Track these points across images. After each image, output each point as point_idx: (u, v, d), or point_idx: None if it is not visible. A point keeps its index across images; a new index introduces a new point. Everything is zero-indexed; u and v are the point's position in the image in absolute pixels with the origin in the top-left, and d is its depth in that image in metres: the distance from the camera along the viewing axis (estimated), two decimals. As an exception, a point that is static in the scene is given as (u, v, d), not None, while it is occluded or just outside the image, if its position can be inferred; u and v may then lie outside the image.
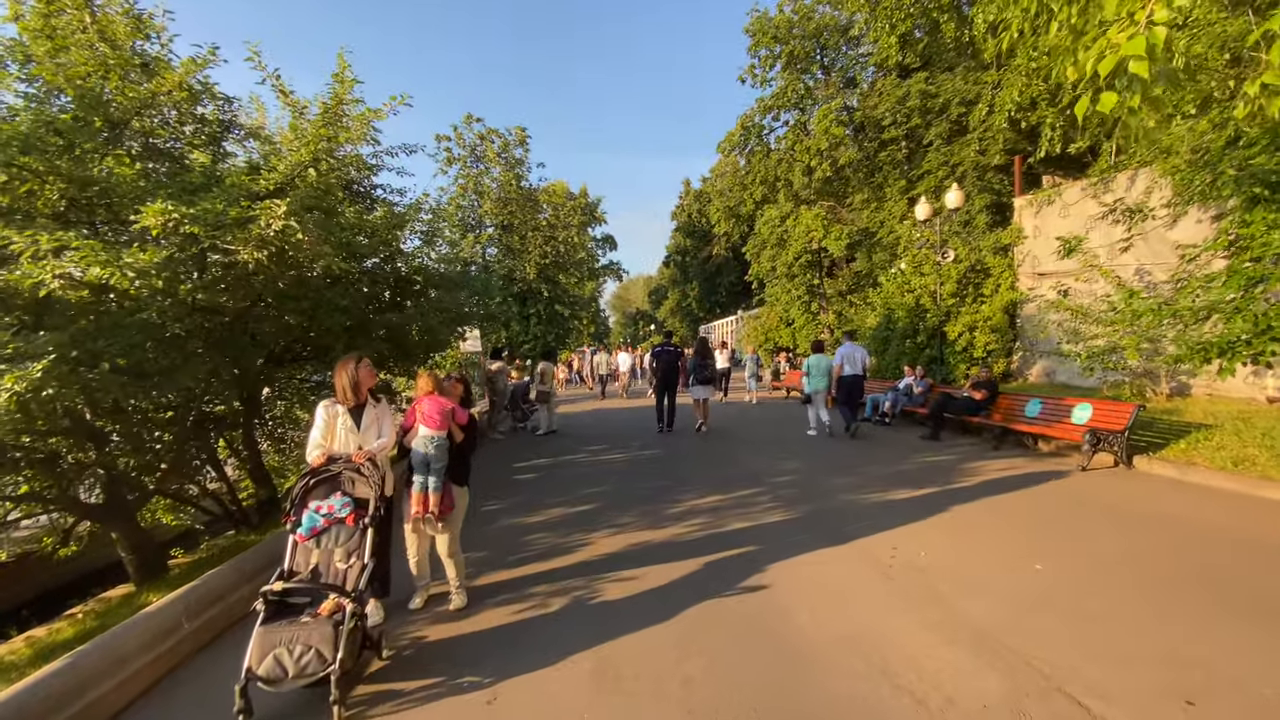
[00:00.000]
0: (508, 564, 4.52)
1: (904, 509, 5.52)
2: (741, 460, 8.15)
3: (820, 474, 7.12)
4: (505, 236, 28.85)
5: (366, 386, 3.67)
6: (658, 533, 5.07)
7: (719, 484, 6.73)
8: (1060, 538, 4.66)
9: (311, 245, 4.12)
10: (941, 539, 4.67)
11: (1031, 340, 13.52)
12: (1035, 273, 13.46)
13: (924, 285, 14.67)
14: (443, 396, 3.79)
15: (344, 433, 3.53)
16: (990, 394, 9.26)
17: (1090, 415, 7.64)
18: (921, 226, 15.32)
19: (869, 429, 10.73)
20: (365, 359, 3.71)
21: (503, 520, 5.71)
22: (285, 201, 3.92)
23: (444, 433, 3.69)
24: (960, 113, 17.63)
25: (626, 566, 4.35)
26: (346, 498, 3.22)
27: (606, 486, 6.87)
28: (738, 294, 44.50)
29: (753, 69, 21.17)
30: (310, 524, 3.12)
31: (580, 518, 5.65)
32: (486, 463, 8.94)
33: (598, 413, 15.21)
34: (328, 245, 4.53)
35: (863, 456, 8.13)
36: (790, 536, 4.84)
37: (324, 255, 4.37)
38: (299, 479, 3.23)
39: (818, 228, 20.16)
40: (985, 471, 7.07)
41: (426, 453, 3.66)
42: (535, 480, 7.51)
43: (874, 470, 7.23)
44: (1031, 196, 13.51)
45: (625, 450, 9.30)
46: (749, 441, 9.71)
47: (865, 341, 17.21)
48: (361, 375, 3.61)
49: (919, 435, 9.52)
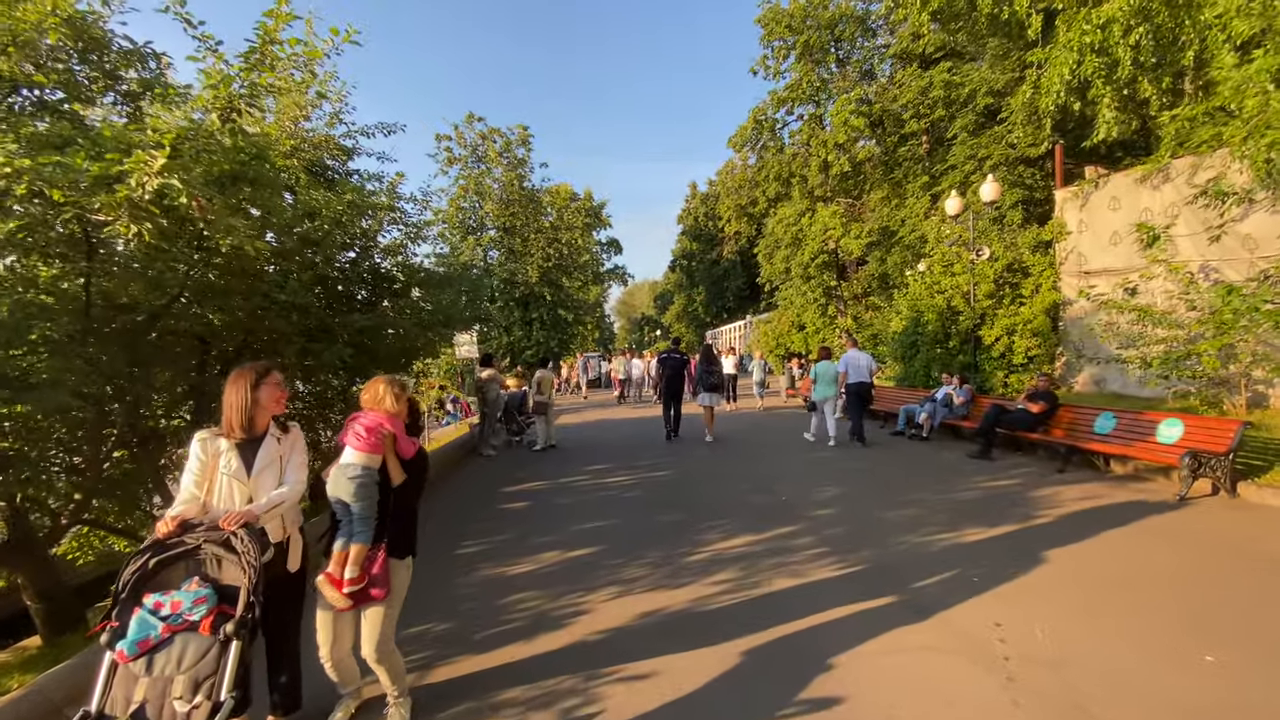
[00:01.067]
0: (477, 644, 3.37)
1: (985, 557, 4.35)
2: (767, 484, 6.98)
3: (865, 504, 5.95)
4: (507, 239, 27.80)
5: (270, 412, 2.54)
6: (676, 594, 3.90)
7: (746, 518, 5.56)
8: (1208, 603, 3.49)
9: (205, 212, 3.01)
10: (1055, 609, 3.50)
11: (1078, 345, 12.31)
12: (1081, 271, 12.25)
13: (955, 286, 13.49)
14: (392, 413, 2.66)
15: (227, 480, 2.40)
16: (1050, 406, 8.08)
17: (1182, 434, 6.45)
18: (952, 223, 14.14)
19: (901, 442, 9.59)
20: (274, 372, 2.57)
21: (480, 569, 4.56)
22: (164, 152, 2.81)
23: (372, 461, 2.54)
24: (988, 103, 16.54)
25: (637, 653, 3.19)
26: (205, 588, 2.09)
27: (611, 521, 5.71)
28: (745, 298, 43.43)
29: (765, 60, 20.12)
30: (141, 633, 1.99)
31: (577, 568, 4.49)
32: (470, 487, 7.80)
33: (601, 424, 14.07)
34: (238, 217, 3.42)
35: (908, 480, 6.96)
36: (851, 601, 3.68)
37: (234, 231, 3.25)
38: (132, 557, 2.11)
39: (836, 226, 18.99)
40: (1062, 501, 5.88)
41: (337, 494, 2.51)
42: (525, 511, 6.35)
43: (928, 499, 6.06)
44: (1076, 188, 12.32)
45: (632, 470, 8.14)
46: (770, 459, 8.55)
47: (890, 347, 16.06)
48: (262, 396, 2.48)
49: (966, 453, 8.33)
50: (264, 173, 3.99)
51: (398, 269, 7.82)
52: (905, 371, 14.61)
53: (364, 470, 2.51)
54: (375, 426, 2.55)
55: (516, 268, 27.42)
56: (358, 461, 2.52)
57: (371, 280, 7.60)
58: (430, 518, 6.39)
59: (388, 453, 2.58)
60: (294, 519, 2.60)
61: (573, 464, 8.86)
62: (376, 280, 7.63)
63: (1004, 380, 12.53)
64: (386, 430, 2.56)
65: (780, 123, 20.43)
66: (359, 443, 2.53)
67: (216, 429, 2.48)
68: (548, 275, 27.56)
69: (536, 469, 8.62)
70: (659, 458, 8.99)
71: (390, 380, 2.70)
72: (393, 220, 7.78)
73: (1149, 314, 8.53)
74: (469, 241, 27.40)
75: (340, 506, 2.54)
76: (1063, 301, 12.57)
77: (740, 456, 8.93)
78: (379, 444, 2.54)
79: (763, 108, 20.17)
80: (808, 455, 8.75)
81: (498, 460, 9.62)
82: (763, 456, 8.85)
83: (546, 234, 28.11)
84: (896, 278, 20.09)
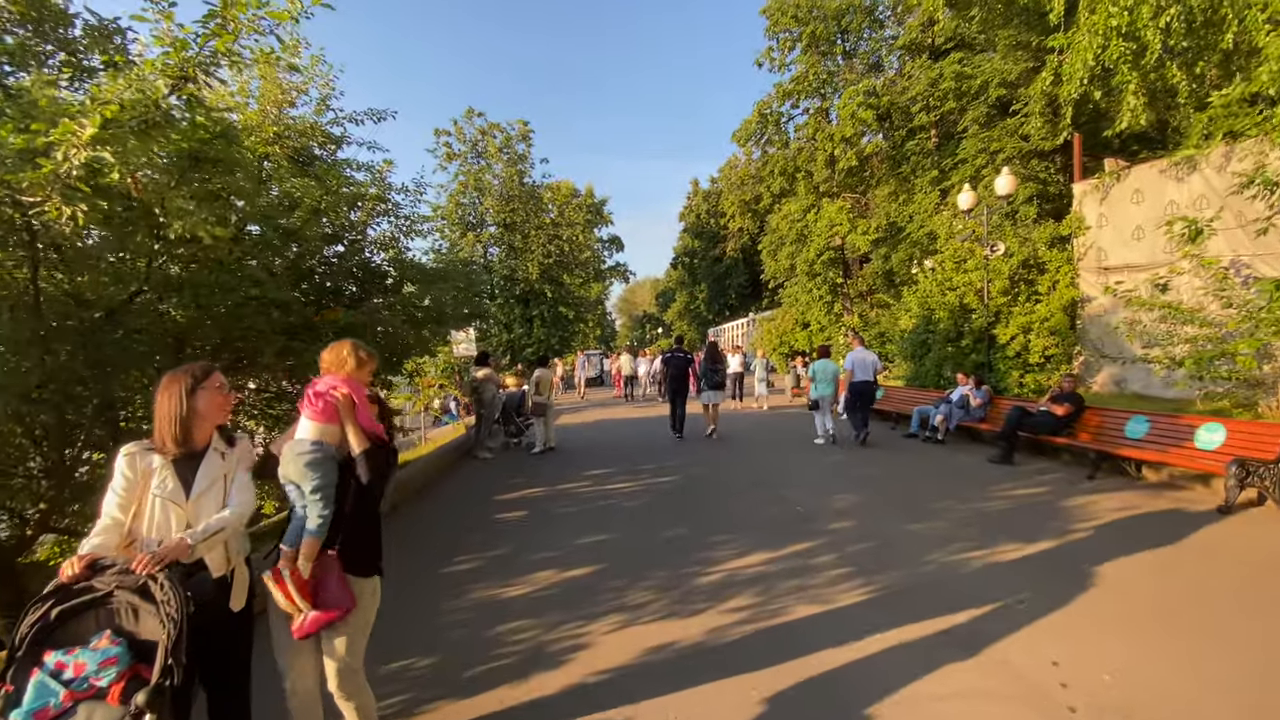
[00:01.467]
0: (462, 686, 2.96)
1: (1025, 578, 3.94)
2: (778, 491, 6.58)
3: (886, 515, 5.55)
4: (507, 235, 27.38)
5: (212, 421, 2.14)
6: (687, 624, 3.50)
7: (760, 532, 5.16)
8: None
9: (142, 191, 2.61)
10: (1115, 642, 3.09)
11: (1097, 344, 11.88)
12: (1100, 267, 11.82)
13: (968, 283, 13.06)
14: (353, 377, 2.28)
15: (160, 503, 2.00)
16: (1075, 409, 7.66)
17: (1224, 439, 6.05)
18: (964, 217, 13.70)
19: (916, 445, 9.18)
20: (215, 374, 2.15)
21: (470, 589, 4.16)
22: (95, 121, 2.40)
23: (327, 434, 2.16)
24: (1000, 95, 16.12)
25: (644, 695, 2.79)
26: (117, 645, 1.69)
27: (613, 534, 5.31)
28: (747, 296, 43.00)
29: (770, 52, 19.68)
30: (39, 700, 1.60)
31: (577, 591, 4.08)
32: (463, 494, 7.40)
33: (602, 425, 13.67)
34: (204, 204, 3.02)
35: (930, 488, 6.55)
36: (883, 630, 3.28)
37: (185, 215, 2.85)
38: (31, 606, 1.71)
39: (843, 221, 18.53)
40: (1098, 513, 5.48)
41: (288, 474, 2.13)
42: (522, 523, 5.95)
43: (953, 509, 5.65)
44: (1096, 181, 11.88)
45: (635, 475, 7.74)
46: (779, 463, 8.14)
47: (900, 346, 15.65)
48: (201, 403, 2.07)
49: (986, 458, 7.92)
50: (229, 153, 3.58)
51: (389, 264, 7.44)
52: (915, 371, 14.19)
53: (314, 445, 2.13)
54: (328, 390, 2.18)
55: (517, 264, 27.01)
56: (309, 435, 2.14)
57: (362, 275, 7.21)
58: (420, 526, 6.00)
59: (346, 419, 2.18)
60: (239, 548, 2.19)
61: (573, 468, 8.46)
62: (368, 276, 7.24)
63: (1019, 380, 12.11)
64: (343, 393, 2.17)
65: (785, 116, 19.99)
66: (311, 410, 2.16)
67: (147, 442, 2.08)
68: (548, 272, 27.15)
69: (535, 474, 8.22)
70: (663, 461, 8.59)
71: (358, 343, 2.36)
72: (383, 211, 7.41)
73: (1179, 311, 8.10)
74: (469, 238, 27.00)
75: (293, 490, 2.14)
76: (1081, 299, 12.14)
77: (748, 460, 8.53)
78: (334, 411, 2.16)
79: (768, 101, 19.71)
80: (818, 459, 8.34)
81: (494, 464, 9.23)
82: (771, 460, 8.44)
83: (547, 230, 27.69)
84: (903, 275, 19.66)
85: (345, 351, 2.31)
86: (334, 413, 2.17)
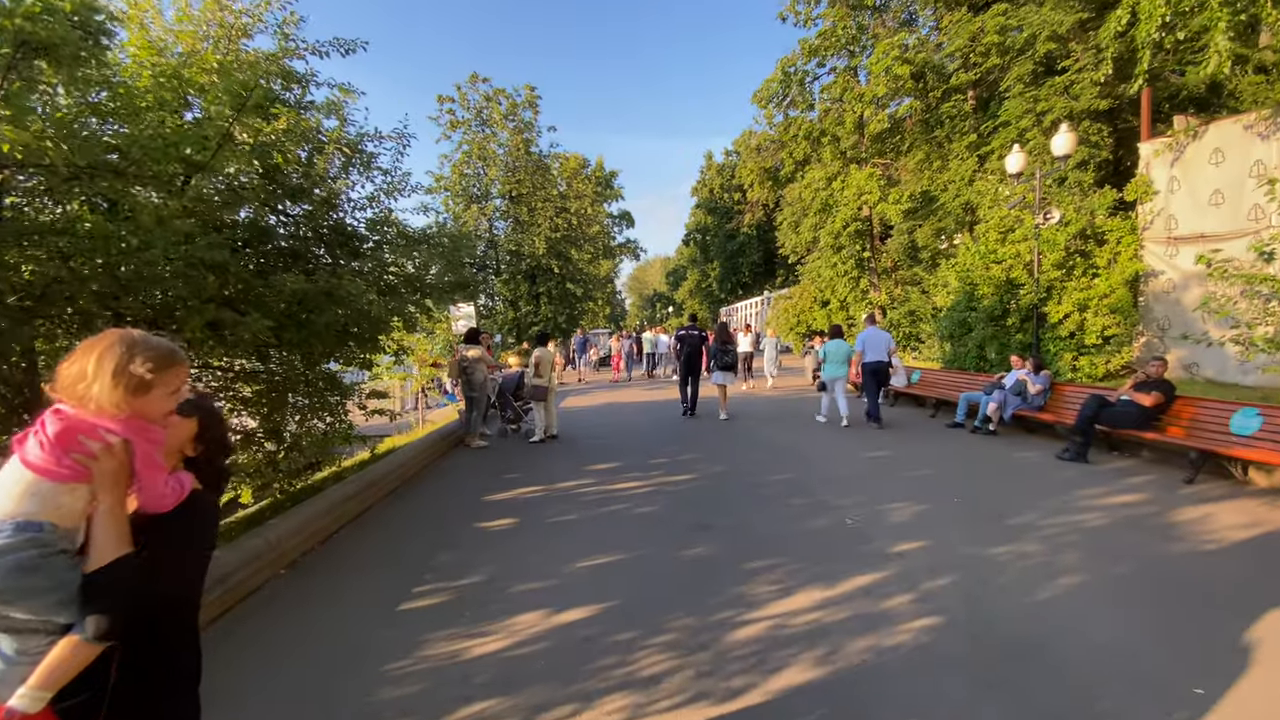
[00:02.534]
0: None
1: (1183, 644, 2.86)
2: (818, 495, 5.51)
3: (957, 531, 4.45)
4: (513, 208, 26.14)
5: None
6: (722, 712, 2.45)
7: (806, 555, 4.09)
8: None
9: None
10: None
11: (1163, 323, 10.62)
12: (1169, 237, 10.50)
13: (1015, 255, 11.78)
14: (119, 411, 1.17)
15: None
16: (1166, 398, 6.50)
17: (1373, 439, 4.90)
18: (1011, 183, 12.35)
19: (963, 437, 8.07)
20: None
21: (426, 641, 3.13)
22: None
23: (45, 504, 1.11)
24: (1049, 49, 14.59)
25: None
26: None
27: (620, 554, 4.27)
28: (760, 274, 41.63)
29: (795, 5, 18.10)
30: None
31: (569, 649, 3.03)
32: (445, 494, 6.39)
33: (609, 407, 12.64)
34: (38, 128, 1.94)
35: (997, 493, 5.45)
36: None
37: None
38: None
39: (872, 189, 17.11)
40: (1220, 529, 4.37)
41: None
42: (510, 535, 4.92)
43: (1036, 524, 4.56)
44: (1168, 139, 10.48)
45: (646, 472, 6.70)
46: (809, 456, 7.06)
47: (936, 325, 14.44)
48: None
49: (1053, 454, 6.81)
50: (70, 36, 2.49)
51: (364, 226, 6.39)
52: (954, 353, 12.97)
53: (17, 526, 1.09)
54: (72, 429, 1.14)
55: (523, 239, 25.82)
56: (13, 501, 1.11)
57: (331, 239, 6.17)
58: (381, 537, 4.99)
59: (103, 487, 1.15)
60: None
61: (574, 461, 7.44)
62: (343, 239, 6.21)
63: (1073, 363, 10.90)
64: (106, 441, 1.15)
65: (811, 75, 18.44)
66: (35, 462, 1.12)
67: None
68: (555, 247, 25.96)
69: (531, 468, 7.19)
70: (677, 453, 7.54)
71: (129, 339, 1.22)
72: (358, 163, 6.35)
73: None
74: (473, 210, 25.81)
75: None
76: (1146, 273, 10.85)
77: (771, 452, 7.46)
78: (74, 466, 1.13)
79: (792, 58, 18.15)
80: (856, 452, 7.25)
81: (486, 455, 8.21)
82: (799, 452, 7.36)
83: (555, 203, 26.40)
84: (931, 248, 18.30)
85: (100, 358, 1.18)
86: (77, 471, 1.12)
